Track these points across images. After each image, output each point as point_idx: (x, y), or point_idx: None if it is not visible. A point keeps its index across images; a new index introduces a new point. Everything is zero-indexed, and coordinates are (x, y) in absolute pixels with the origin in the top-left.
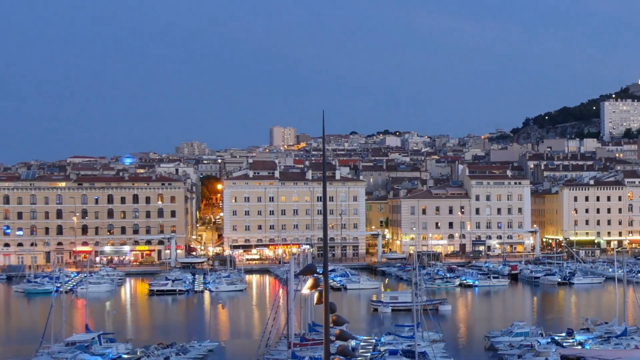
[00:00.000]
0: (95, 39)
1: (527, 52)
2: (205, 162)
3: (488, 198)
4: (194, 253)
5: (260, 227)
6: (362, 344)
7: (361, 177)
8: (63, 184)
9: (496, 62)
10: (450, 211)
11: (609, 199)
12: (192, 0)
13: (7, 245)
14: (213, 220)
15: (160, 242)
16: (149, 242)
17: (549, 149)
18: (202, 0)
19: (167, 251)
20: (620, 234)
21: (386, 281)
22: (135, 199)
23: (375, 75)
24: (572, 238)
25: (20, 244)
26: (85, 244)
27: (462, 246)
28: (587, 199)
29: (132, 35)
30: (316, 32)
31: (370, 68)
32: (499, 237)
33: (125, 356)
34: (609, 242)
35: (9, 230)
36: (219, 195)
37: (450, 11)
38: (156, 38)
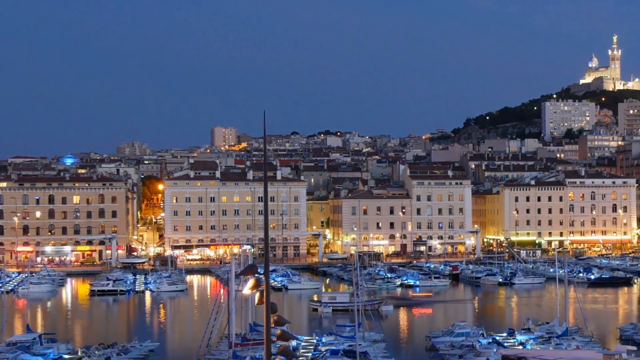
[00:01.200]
0: (35, 38)
1: (468, 52)
2: (147, 162)
3: (429, 198)
4: (135, 253)
5: (201, 228)
6: (303, 344)
7: (302, 178)
8: (4, 184)
9: (437, 63)
10: (392, 211)
11: (550, 199)
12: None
13: None
14: (154, 220)
15: (102, 243)
16: (90, 243)
17: (490, 149)
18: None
19: (108, 251)
20: (561, 234)
21: (327, 281)
22: (77, 199)
23: (317, 75)
24: (513, 238)
25: None
26: (26, 244)
27: (403, 246)
28: (528, 199)
29: (72, 34)
30: (257, 31)
31: (311, 68)
32: (440, 238)
33: (66, 356)
34: (550, 243)
35: None
36: (160, 195)
37: (385, 12)
38: (96, 37)
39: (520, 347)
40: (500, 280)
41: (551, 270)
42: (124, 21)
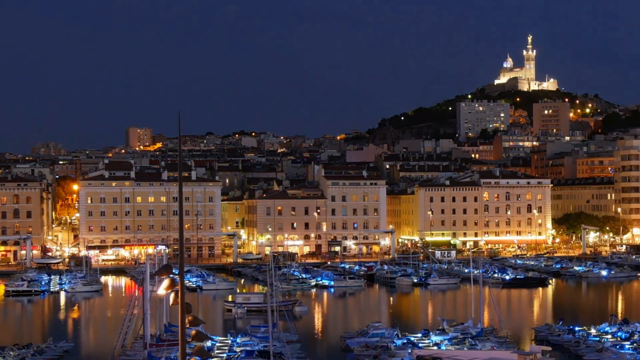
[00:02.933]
0: None
1: (382, 52)
2: (61, 162)
3: (344, 198)
4: (49, 254)
5: (116, 228)
6: (217, 344)
7: (217, 178)
8: None
9: (349, 62)
10: (306, 212)
11: (464, 199)
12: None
13: None
14: (69, 220)
15: (16, 243)
16: (4, 243)
17: (405, 150)
18: (54, 1)
19: (23, 252)
20: (476, 234)
21: (242, 282)
22: None
23: (231, 75)
24: (428, 239)
25: None
26: None
27: (318, 247)
28: (442, 199)
29: None
30: (170, 31)
31: (226, 69)
32: (355, 238)
33: None
34: (464, 243)
35: None
36: (75, 195)
37: (298, 12)
38: (10, 36)
39: (435, 347)
40: (415, 280)
41: (466, 270)
42: (37, 20)
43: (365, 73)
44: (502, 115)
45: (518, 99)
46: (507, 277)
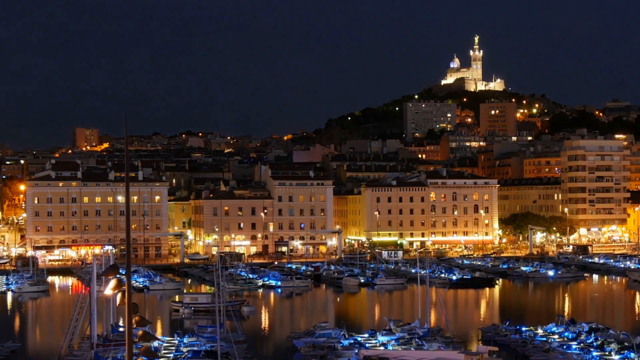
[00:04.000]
0: None
1: (328, 53)
2: (8, 162)
3: (291, 199)
4: None
5: (63, 228)
6: (164, 344)
7: (164, 178)
8: None
9: (297, 63)
10: (253, 212)
11: (411, 199)
12: None
13: None
14: (16, 221)
15: None
16: None
17: (351, 150)
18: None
19: None
20: (423, 234)
21: (189, 282)
22: None
23: (178, 76)
24: (375, 239)
25: None
26: None
27: (265, 247)
28: (389, 199)
29: None
30: (116, 31)
31: (172, 69)
32: (302, 238)
33: None
34: (411, 243)
35: None
36: (21, 196)
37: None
38: None
39: (382, 348)
40: (362, 281)
41: (413, 271)
42: None
43: (311, 73)
44: (449, 115)
45: (465, 99)
46: (454, 278)
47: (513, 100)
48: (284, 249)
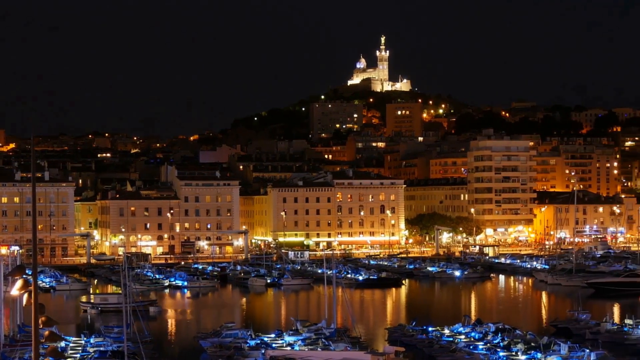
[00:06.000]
0: None
1: (236, 53)
2: None
3: (197, 199)
4: None
5: None
6: (71, 345)
7: (70, 179)
8: None
9: (203, 62)
10: (160, 212)
11: (318, 200)
12: None
13: None
14: None
15: None
16: None
17: (258, 150)
18: None
19: None
20: (329, 235)
21: (95, 282)
22: None
23: (84, 75)
24: (282, 239)
25: None
26: None
27: (172, 247)
28: (296, 200)
29: None
30: (19, 31)
31: (79, 68)
32: (209, 239)
33: None
34: (318, 244)
35: None
36: None
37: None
38: None
39: (289, 348)
40: (268, 281)
41: (319, 271)
42: None
43: (217, 73)
44: (355, 115)
45: (371, 100)
46: (361, 278)
47: (419, 100)
48: (191, 249)
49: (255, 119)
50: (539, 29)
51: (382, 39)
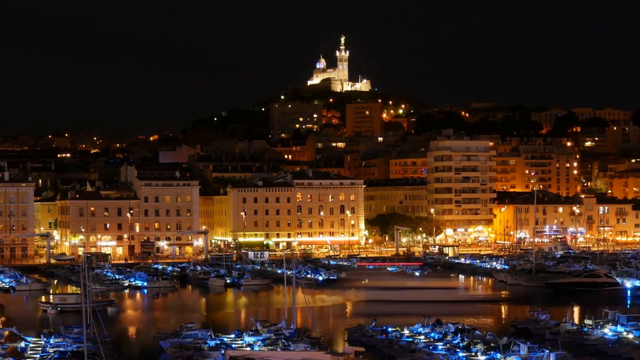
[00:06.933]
0: None
1: (197, 52)
2: None
3: (157, 199)
4: None
5: None
6: (31, 345)
7: (30, 179)
8: None
9: (162, 63)
10: (119, 212)
11: (277, 200)
12: None
13: None
14: None
15: None
16: None
17: (217, 150)
18: None
19: None
20: (289, 235)
21: (55, 283)
22: None
23: (44, 74)
24: (241, 239)
25: None
26: None
27: (132, 247)
28: (255, 200)
29: None
30: None
31: (39, 67)
32: (169, 239)
33: None
34: (278, 244)
35: None
36: None
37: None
38: None
39: (248, 348)
40: (228, 281)
41: (279, 271)
42: None
43: (178, 74)
44: (315, 116)
45: (331, 100)
46: (320, 278)
47: (379, 100)
48: (151, 249)
49: (215, 119)
50: (499, 29)
51: (342, 39)
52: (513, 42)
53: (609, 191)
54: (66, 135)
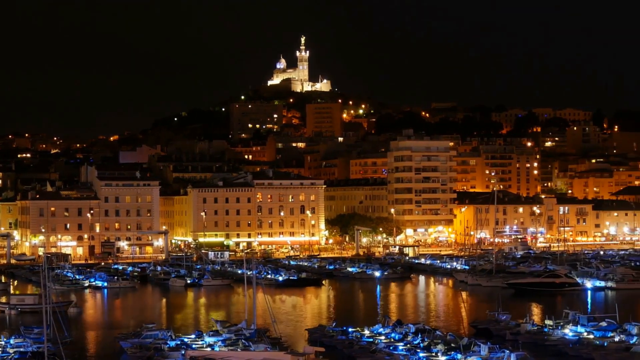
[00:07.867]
0: None
1: (157, 53)
2: None
3: (117, 199)
4: None
5: None
6: None
7: None
8: None
9: (120, 64)
10: (80, 213)
11: (238, 200)
12: None
13: None
14: None
15: None
16: None
17: (178, 151)
18: None
19: None
20: (249, 235)
21: (15, 283)
22: None
23: (3, 75)
24: (202, 239)
25: None
26: None
27: (92, 248)
28: (216, 200)
29: None
30: None
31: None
32: (129, 239)
33: None
34: (238, 244)
35: None
36: None
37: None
38: None
39: (209, 349)
40: (189, 281)
41: (239, 271)
42: None
43: (138, 74)
44: (275, 116)
45: (291, 100)
46: (281, 278)
47: (339, 101)
48: (111, 249)
49: (176, 119)
50: (459, 29)
51: (302, 40)
52: (473, 42)
53: (569, 191)
54: (26, 135)
